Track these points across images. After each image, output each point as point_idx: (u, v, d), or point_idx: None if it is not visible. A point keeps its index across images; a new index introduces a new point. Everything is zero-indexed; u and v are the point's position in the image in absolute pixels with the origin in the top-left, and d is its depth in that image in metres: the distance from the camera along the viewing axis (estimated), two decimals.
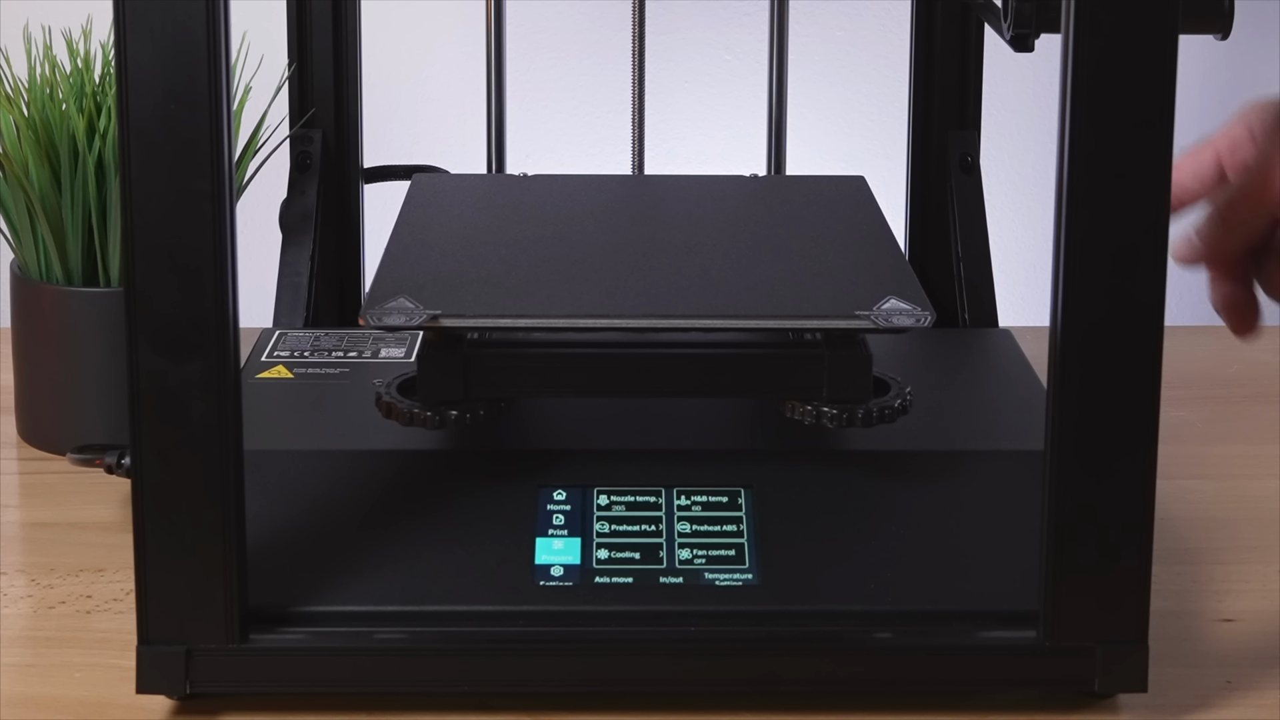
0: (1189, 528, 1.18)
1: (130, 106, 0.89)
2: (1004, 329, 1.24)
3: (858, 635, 0.97)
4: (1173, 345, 1.00)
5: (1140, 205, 0.91)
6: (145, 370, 0.92)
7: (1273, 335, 1.50)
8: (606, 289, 1.04)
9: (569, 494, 1.03)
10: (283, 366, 1.15)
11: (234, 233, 0.92)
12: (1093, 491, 0.94)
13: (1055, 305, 0.93)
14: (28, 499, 1.23)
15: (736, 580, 0.99)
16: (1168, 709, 0.99)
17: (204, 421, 0.92)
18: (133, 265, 0.91)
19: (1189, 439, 1.31)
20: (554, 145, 1.73)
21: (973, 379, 1.16)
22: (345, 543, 1.00)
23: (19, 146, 1.24)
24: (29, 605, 1.09)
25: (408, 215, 1.15)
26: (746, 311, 1.01)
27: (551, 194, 1.21)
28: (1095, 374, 0.93)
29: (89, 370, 1.26)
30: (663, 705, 0.98)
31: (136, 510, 0.94)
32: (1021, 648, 0.96)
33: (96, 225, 1.25)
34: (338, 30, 1.33)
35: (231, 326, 0.92)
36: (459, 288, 1.03)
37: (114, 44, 0.89)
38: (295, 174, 1.33)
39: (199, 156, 0.90)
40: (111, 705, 0.99)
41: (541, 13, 1.72)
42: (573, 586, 0.98)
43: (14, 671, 1.02)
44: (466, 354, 1.02)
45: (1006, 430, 1.08)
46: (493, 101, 1.36)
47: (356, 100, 1.34)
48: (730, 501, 1.02)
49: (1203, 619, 1.08)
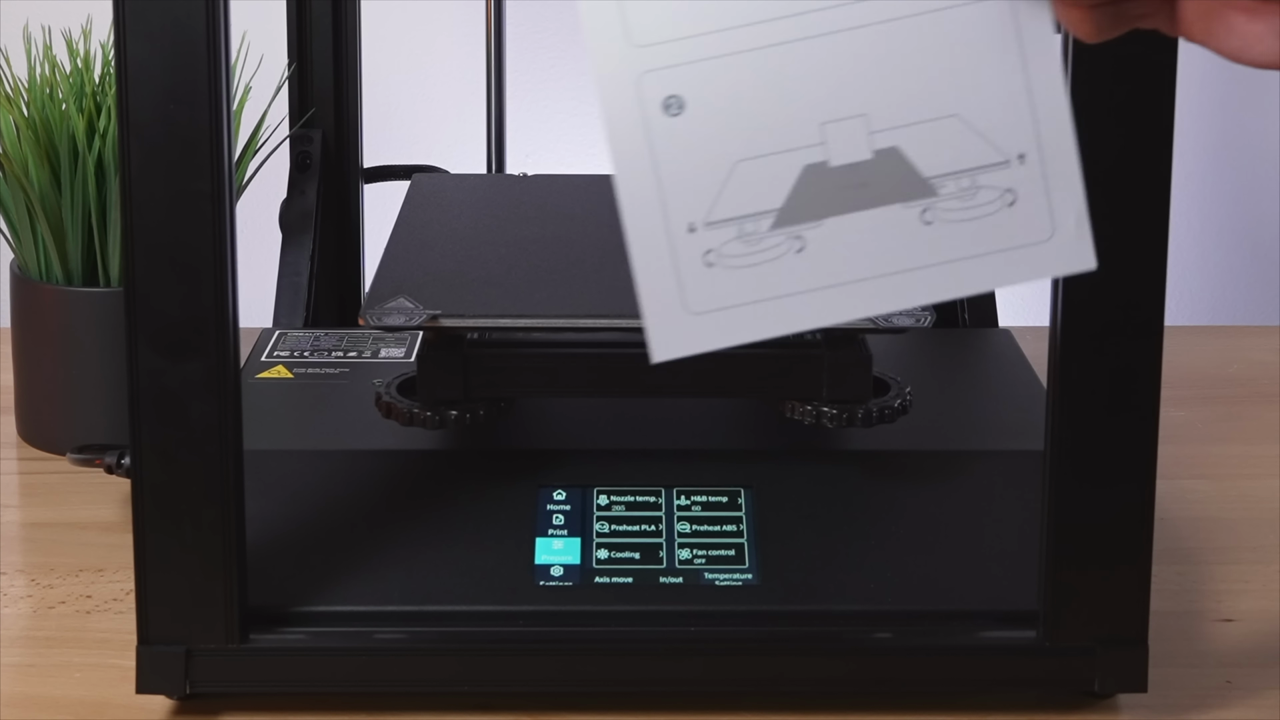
0: (1189, 528, 1.18)
1: (130, 106, 0.89)
2: (1004, 329, 1.24)
3: (858, 635, 0.97)
4: (1173, 345, 1.00)
5: (1140, 206, 0.91)
6: (145, 370, 0.92)
7: (1272, 335, 1.50)
8: (606, 289, 1.04)
9: (569, 494, 1.03)
10: (283, 366, 1.15)
11: (234, 233, 0.92)
12: (1092, 492, 0.94)
13: (1055, 305, 0.93)
14: (28, 499, 1.23)
15: (736, 580, 0.99)
16: (1168, 709, 0.99)
17: (204, 421, 0.92)
18: (133, 265, 0.91)
19: (1189, 439, 1.31)
20: (554, 145, 1.73)
21: (973, 379, 1.16)
22: (345, 543, 1.00)
23: (19, 146, 1.24)
24: (29, 605, 1.09)
25: (407, 215, 1.15)
26: None
27: (551, 194, 1.21)
28: (1095, 374, 0.93)
29: (89, 370, 1.26)
30: (663, 705, 0.98)
31: (136, 510, 0.94)
32: (1021, 648, 0.96)
33: (96, 225, 1.25)
34: (338, 30, 1.33)
35: (231, 326, 0.92)
36: (459, 288, 1.03)
37: (114, 44, 0.88)
38: (295, 174, 1.33)
39: (199, 156, 0.90)
40: (111, 705, 0.99)
41: (541, 13, 1.72)
42: (573, 586, 0.98)
43: (14, 671, 1.02)
44: (466, 354, 1.02)
45: (1006, 430, 1.08)
46: (493, 101, 1.36)
47: (356, 100, 1.34)
48: (730, 501, 1.02)
49: (1203, 619, 1.08)
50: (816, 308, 0.68)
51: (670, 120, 0.68)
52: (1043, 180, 0.68)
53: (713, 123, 0.68)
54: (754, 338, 0.68)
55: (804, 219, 0.68)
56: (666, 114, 0.68)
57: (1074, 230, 0.67)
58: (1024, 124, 0.68)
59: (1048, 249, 0.68)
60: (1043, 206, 0.67)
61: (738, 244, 0.68)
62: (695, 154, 0.67)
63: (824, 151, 0.68)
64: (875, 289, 0.68)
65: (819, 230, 0.68)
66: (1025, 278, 0.68)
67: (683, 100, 0.68)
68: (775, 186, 0.68)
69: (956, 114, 0.68)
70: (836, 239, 0.68)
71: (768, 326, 0.68)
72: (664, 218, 0.67)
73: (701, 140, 0.68)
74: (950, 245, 0.68)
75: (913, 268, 0.68)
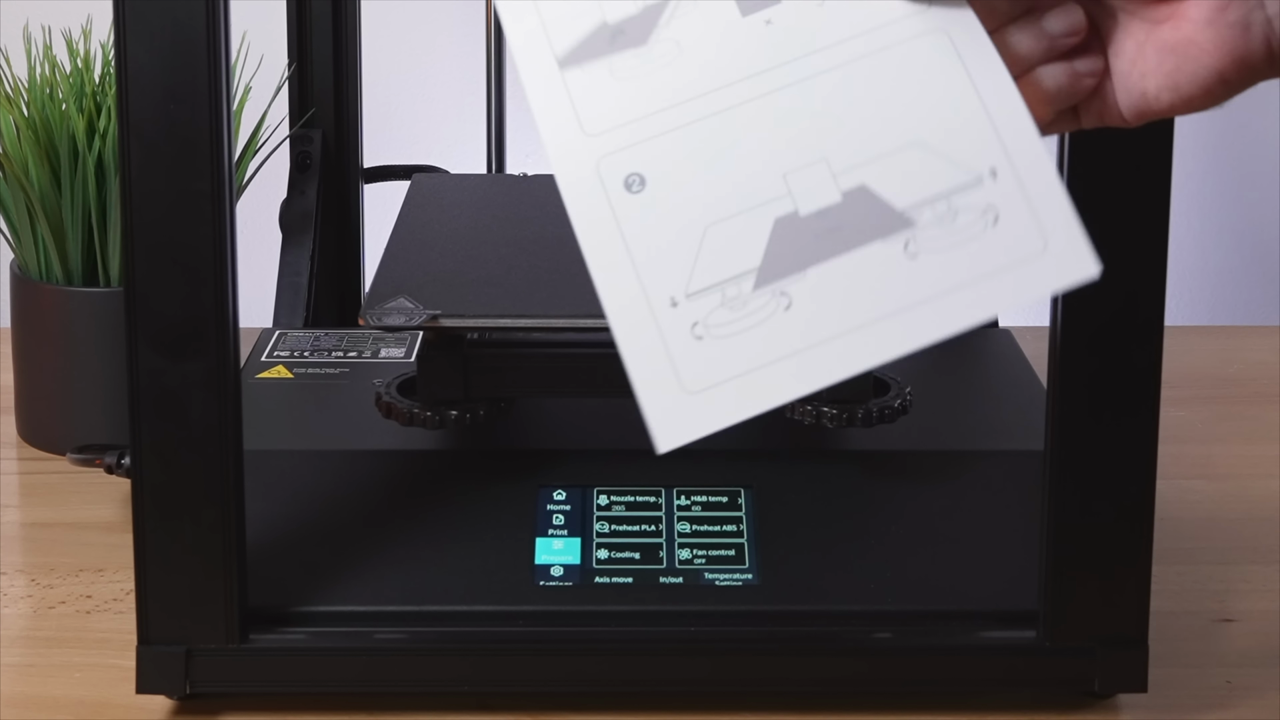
0: (1189, 528, 1.18)
1: (130, 106, 0.89)
2: (1004, 329, 1.24)
3: (858, 635, 0.97)
4: (1173, 345, 1.00)
5: (1140, 206, 0.91)
6: (145, 370, 0.92)
7: (1272, 335, 1.50)
8: None
9: (569, 494, 1.02)
10: (283, 366, 1.15)
11: (234, 233, 0.92)
12: (1092, 491, 0.94)
13: (1055, 305, 0.93)
14: (28, 499, 1.23)
15: (736, 580, 0.99)
16: (1168, 709, 0.99)
17: (204, 421, 0.92)
18: (133, 265, 0.91)
19: (1189, 439, 1.31)
20: None
21: (973, 379, 1.16)
22: (345, 543, 1.00)
23: (19, 146, 1.24)
24: (29, 605, 1.09)
25: (407, 215, 1.15)
26: None
27: (551, 194, 1.20)
28: (1095, 374, 0.93)
29: (89, 370, 1.26)
30: (663, 705, 0.98)
31: (136, 510, 0.94)
32: (1021, 648, 0.96)
33: (96, 225, 1.25)
34: (338, 30, 1.33)
35: (231, 326, 0.92)
36: (459, 288, 1.03)
37: (114, 44, 0.88)
38: (295, 174, 1.33)
39: (199, 156, 0.90)
40: (111, 705, 0.99)
41: None
42: (573, 586, 0.98)
43: (14, 671, 1.02)
44: (466, 354, 1.02)
45: (1006, 430, 1.08)
46: (493, 101, 1.36)
47: (356, 100, 1.34)
48: (730, 501, 1.02)
49: (1203, 619, 1.08)
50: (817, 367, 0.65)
51: (634, 197, 0.67)
52: (1020, 192, 0.66)
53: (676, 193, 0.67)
54: (758, 410, 0.65)
55: (785, 273, 0.66)
56: (629, 192, 0.67)
57: (1066, 238, 0.66)
58: (987, 139, 0.66)
59: (1044, 262, 0.65)
60: (1028, 219, 0.66)
61: (723, 311, 0.66)
62: (664, 226, 0.67)
63: (791, 202, 0.66)
64: (874, 336, 0.65)
65: (804, 283, 0.66)
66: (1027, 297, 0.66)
67: (643, 176, 0.67)
68: (750, 245, 0.66)
69: (916, 141, 0.67)
70: (823, 289, 0.66)
71: (770, 396, 0.65)
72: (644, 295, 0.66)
73: (668, 211, 0.67)
74: (942, 276, 0.66)
75: (908, 306, 0.65)
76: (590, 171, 0.67)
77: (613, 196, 0.67)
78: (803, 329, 0.66)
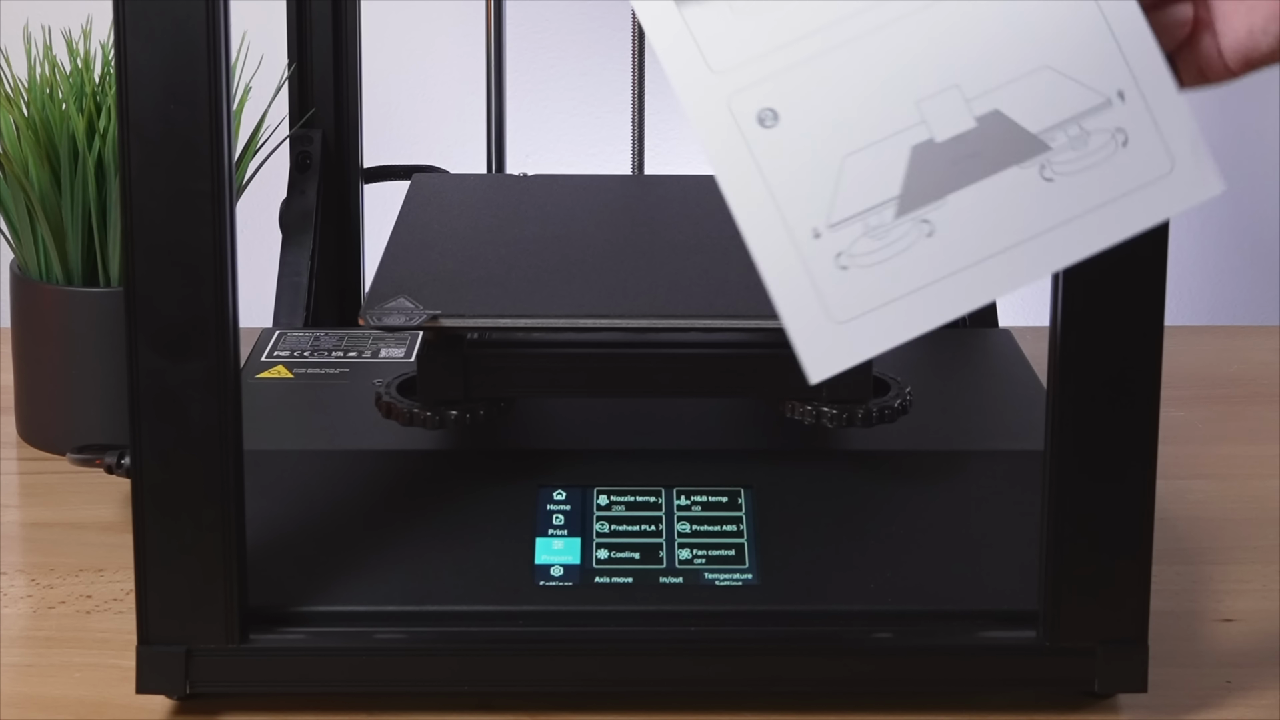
0: (1189, 528, 1.18)
1: (130, 106, 0.89)
2: (1004, 329, 1.24)
3: (858, 635, 0.97)
4: (1173, 345, 1.00)
5: None
6: (145, 370, 0.92)
7: (1272, 335, 1.50)
8: (606, 289, 1.04)
9: (569, 494, 1.03)
10: (283, 366, 1.15)
11: (234, 233, 0.92)
12: (1092, 492, 0.94)
13: (1055, 305, 0.93)
14: (28, 499, 1.23)
15: (736, 580, 0.99)
16: (1168, 709, 0.99)
17: (204, 421, 0.92)
18: (133, 265, 0.91)
19: (1189, 439, 1.31)
20: (554, 145, 1.73)
21: (973, 379, 1.16)
22: (345, 543, 1.00)
23: (19, 146, 1.24)
24: (29, 605, 1.09)
25: (408, 215, 1.15)
26: (746, 311, 1.01)
27: (551, 194, 1.21)
28: (1095, 374, 0.93)
29: (89, 370, 1.26)
30: (663, 705, 0.98)
31: (136, 510, 0.94)
32: (1021, 648, 0.96)
33: (96, 225, 1.25)
34: (338, 30, 1.33)
35: (231, 326, 0.92)
36: (459, 288, 1.03)
37: (114, 44, 0.88)
38: (295, 174, 1.33)
39: (199, 156, 0.90)
40: (111, 705, 0.99)
41: (541, 13, 1.71)
42: (573, 586, 0.98)
43: (14, 671, 1.02)
44: (466, 354, 1.02)
45: (1006, 430, 1.08)
46: (493, 101, 1.36)
47: (356, 100, 1.34)
48: (730, 501, 1.02)
49: (1203, 619, 1.08)
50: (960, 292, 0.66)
51: (768, 132, 0.67)
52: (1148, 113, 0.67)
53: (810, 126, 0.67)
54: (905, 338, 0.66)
55: (926, 200, 0.67)
56: (763, 127, 0.68)
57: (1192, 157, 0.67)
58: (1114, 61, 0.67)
59: (1171, 182, 0.66)
60: (1156, 140, 0.67)
61: (866, 240, 0.67)
62: (801, 159, 0.67)
63: (927, 129, 0.67)
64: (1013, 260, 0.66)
65: (944, 209, 0.67)
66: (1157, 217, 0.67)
67: (775, 111, 0.67)
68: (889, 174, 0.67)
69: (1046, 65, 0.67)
70: (963, 215, 0.67)
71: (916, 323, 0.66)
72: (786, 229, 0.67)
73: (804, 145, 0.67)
74: (1077, 199, 0.66)
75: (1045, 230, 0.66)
76: (722, 109, 0.67)
77: (747, 133, 0.67)
78: (945, 255, 0.67)
